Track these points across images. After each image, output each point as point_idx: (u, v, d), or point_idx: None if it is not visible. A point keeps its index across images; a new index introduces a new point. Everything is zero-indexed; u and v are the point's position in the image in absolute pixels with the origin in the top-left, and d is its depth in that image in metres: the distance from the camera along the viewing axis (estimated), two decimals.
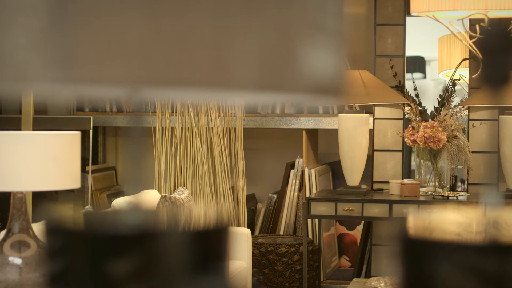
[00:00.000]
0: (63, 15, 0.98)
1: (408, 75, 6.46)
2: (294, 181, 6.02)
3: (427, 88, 6.60)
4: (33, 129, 5.00)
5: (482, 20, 4.75)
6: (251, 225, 6.16)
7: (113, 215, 1.15)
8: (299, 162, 6.00)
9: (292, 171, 6.04)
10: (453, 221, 1.11)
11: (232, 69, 1.03)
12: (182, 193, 5.26)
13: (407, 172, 6.04)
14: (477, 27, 4.84)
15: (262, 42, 1.04)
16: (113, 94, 1.08)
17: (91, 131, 5.93)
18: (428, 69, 6.72)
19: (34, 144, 3.80)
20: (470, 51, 5.65)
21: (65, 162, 3.89)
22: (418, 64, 6.66)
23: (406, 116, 5.83)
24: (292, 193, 6.02)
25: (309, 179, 5.93)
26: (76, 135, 3.96)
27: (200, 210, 1.15)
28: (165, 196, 5.12)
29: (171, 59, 1.02)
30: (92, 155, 6.17)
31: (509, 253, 1.06)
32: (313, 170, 5.93)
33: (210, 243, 1.11)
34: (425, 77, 6.67)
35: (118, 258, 1.07)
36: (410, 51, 6.27)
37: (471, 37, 5.31)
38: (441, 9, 4.57)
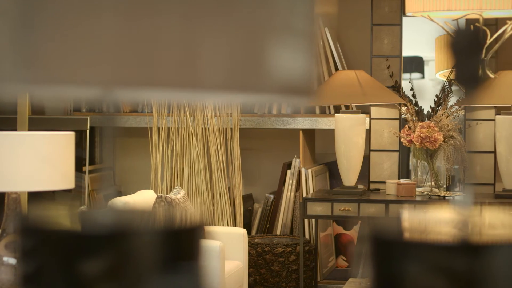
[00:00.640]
0: (31, 17, 0.98)
1: (406, 75, 6.47)
2: (290, 181, 6.03)
3: (426, 88, 6.60)
4: (31, 130, 5.01)
5: (477, 20, 4.76)
6: (248, 225, 6.16)
7: (87, 215, 1.15)
8: (296, 162, 6.01)
9: (289, 171, 6.04)
10: (427, 222, 1.12)
11: (202, 69, 1.03)
12: (178, 193, 5.27)
13: (405, 171, 6.04)
14: (471, 27, 4.84)
15: (231, 43, 1.04)
16: (83, 95, 1.09)
17: (87, 131, 5.93)
18: (426, 69, 6.72)
19: (28, 145, 3.81)
20: None
21: (59, 162, 3.90)
22: (415, 64, 6.66)
23: (403, 116, 5.84)
24: (288, 193, 6.02)
25: (305, 179, 5.93)
26: (70, 136, 3.96)
27: (174, 210, 1.15)
28: (161, 196, 5.13)
29: (141, 60, 1.03)
30: (89, 155, 6.18)
31: (481, 253, 1.06)
32: (309, 170, 5.93)
33: (182, 242, 1.11)
34: (423, 77, 6.68)
35: (90, 257, 1.08)
36: (408, 51, 6.28)
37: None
38: (435, 9, 4.58)
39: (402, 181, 5.62)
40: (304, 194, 5.88)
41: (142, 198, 5.22)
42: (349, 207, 5.46)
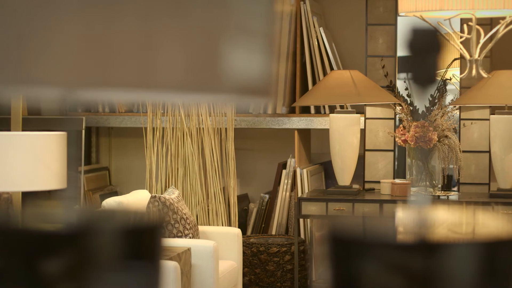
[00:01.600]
0: None
1: (403, 75, 6.46)
2: (286, 181, 6.03)
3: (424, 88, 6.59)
4: (27, 130, 5.03)
5: (470, 19, 4.75)
6: (243, 225, 6.17)
7: (48, 214, 1.16)
8: (291, 162, 6.01)
9: (284, 171, 6.05)
10: (385, 221, 1.12)
11: (159, 70, 1.04)
12: (172, 193, 5.28)
13: (402, 171, 6.04)
14: (465, 26, 4.84)
15: (188, 44, 1.05)
16: (46, 95, 1.10)
17: (83, 131, 5.94)
18: None
19: (20, 145, 3.82)
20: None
21: (51, 162, 3.91)
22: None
23: (398, 116, 5.84)
24: (284, 193, 6.03)
25: (301, 179, 5.94)
26: (62, 136, 3.97)
27: (134, 209, 1.16)
28: (155, 196, 5.14)
29: (99, 61, 1.03)
30: (85, 155, 6.19)
31: (438, 252, 1.07)
32: (305, 170, 5.94)
33: (142, 242, 1.12)
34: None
35: (50, 256, 1.08)
36: (407, 51, 6.27)
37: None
38: (428, 9, 4.58)
39: (397, 180, 5.63)
40: (299, 194, 5.88)
41: (136, 198, 5.23)
42: (344, 206, 5.46)
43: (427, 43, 1.06)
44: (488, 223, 1.11)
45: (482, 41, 4.76)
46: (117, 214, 1.14)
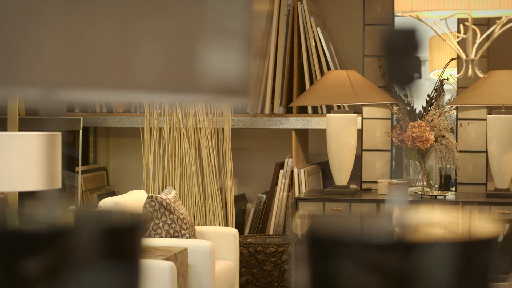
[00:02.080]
0: None
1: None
2: (283, 181, 6.03)
3: (422, 88, 6.60)
4: (24, 130, 5.03)
5: (466, 19, 4.75)
6: (241, 225, 6.17)
7: (26, 214, 1.16)
8: (288, 162, 6.01)
9: (281, 171, 6.05)
10: (362, 221, 1.13)
11: (137, 70, 1.04)
12: (169, 193, 5.28)
13: (400, 171, 6.05)
14: (461, 26, 4.84)
15: (166, 45, 1.05)
16: (25, 95, 1.10)
17: (80, 131, 5.95)
18: (423, 69, 6.73)
19: (14, 145, 3.82)
20: None
21: (45, 162, 3.91)
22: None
23: (395, 116, 5.84)
24: (281, 193, 6.03)
25: (298, 179, 5.94)
26: (56, 136, 3.98)
27: (114, 209, 1.16)
28: (152, 196, 5.14)
29: (78, 62, 1.03)
30: (83, 155, 6.19)
31: (414, 251, 1.07)
32: (302, 170, 5.94)
33: (122, 241, 1.12)
34: (420, 77, 6.67)
35: (29, 256, 1.09)
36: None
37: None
38: (424, 9, 4.58)
39: (394, 180, 5.63)
40: (297, 194, 5.88)
41: (133, 198, 5.24)
42: (341, 206, 5.46)
43: (406, 44, 1.06)
44: (466, 223, 1.12)
45: (478, 41, 4.76)
46: (98, 214, 1.14)
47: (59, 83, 1.04)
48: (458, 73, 5.76)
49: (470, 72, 4.78)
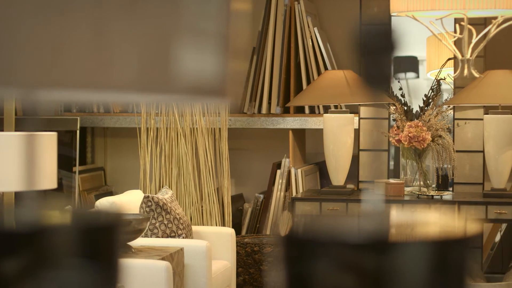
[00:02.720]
0: None
1: (401, 75, 6.48)
2: (280, 181, 6.03)
3: (421, 87, 6.61)
4: (21, 130, 5.03)
5: (462, 19, 4.76)
6: (238, 225, 6.17)
7: (4, 213, 1.17)
8: (285, 162, 6.02)
9: (278, 171, 6.05)
10: (335, 220, 1.13)
11: (112, 71, 1.05)
12: (165, 193, 5.28)
13: (397, 170, 6.05)
14: (457, 26, 4.84)
15: (142, 45, 1.05)
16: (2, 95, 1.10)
17: (78, 131, 5.95)
18: (421, 68, 6.74)
19: (10, 145, 3.82)
20: None
21: (41, 162, 3.92)
22: (410, 64, 6.67)
23: (392, 116, 5.84)
24: (278, 192, 6.03)
25: (295, 179, 5.94)
26: (52, 136, 3.98)
27: (96, 208, 1.16)
28: (148, 196, 5.14)
29: (53, 62, 1.04)
30: (80, 155, 6.20)
31: (391, 251, 1.07)
32: (299, 170, 5.94)
33: (100, 240, 1.13)
34: (418, 77, 6.68)
35: (6, 255, 1.09)
36: (406, 51, 6.29)
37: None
38: (419, 9, 4.58)
39: (391, 180, 5.63)
40: (294, 194, 5.89)
41: (130, 198, 5.24)
42: (338, 206, 5.46)
43: (381, 43, 1.07)
44: (442, 222, 1.12)
45: (474, 41, 4.76)
46: (74, 213, 1.14)
47: (34, 84, 1.04)
48: (454, 73, 5.77)
49: (466, 72, 4.78)
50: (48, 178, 3.94)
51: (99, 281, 1.12)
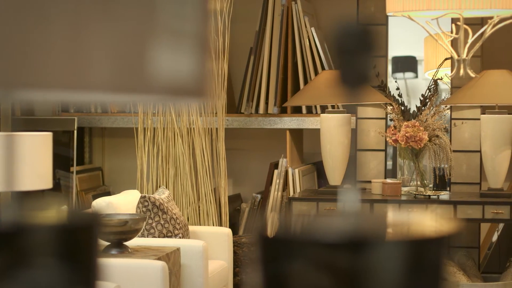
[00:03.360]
0: None
1: (400, 75, 6.47)
2: (277, 181, 6.04)
3: (419, 87, 6.61)
4: (19, 130, 5.04)
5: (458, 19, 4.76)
6: (236, 225, 6.18)
7: None
8: (283, 162, 6.02)
9: (275, 171, 6.06)
10: (309, 220, 1.13)
11: (88, 71, 1.05)
12: (162, 193, 5.29)
13: (395, 170, 6.05)
14: (453, 26, 4.84)
15: (117, 45, 1.06)
16: None
17: (75, 131, 5.96)
18: (420, 68, 6.73)
19: (4, 145, 3.83)
20: None
21: (36, 162, 3.92)
22: (409, 64, 6.68)
23: (389, 116, 5.85)
24: (276, 192, 6.04)
25: (292, 179, 5.95)
26: (47, 136, 3.99)
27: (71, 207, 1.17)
28: (145, 196, 5.15)
29: (28, 62, 1.04)
30: (78, 155, 6.20)
31: (366, 250, 1.08)
32: (296, 170, 5.95)
33: (77, 240, 1.13)
34: (417, 77, 6.69)
35: None
36: (402, 51, 6.30)
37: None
38: (415, 9, 4.58)
39: (388, 180, 5.64)
40: (291, 194, 5.89)
41: (127, 198, 5.25)
42: (334, 206, 5.47)
43: (357, 42, 1.07)
44: (417, 222, 1.12)
45: (470, 40, 4.76)
46: (51, 212, 1.15)
47: (8, 84, 1.05)
48: (451, 73, 5.77)
49: (461, 71, 4.78)
50: (42, 178, 3.94)
51: (76, 281, 1.12)
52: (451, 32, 4.92)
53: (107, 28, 1.05)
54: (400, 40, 6.20)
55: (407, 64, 6.64)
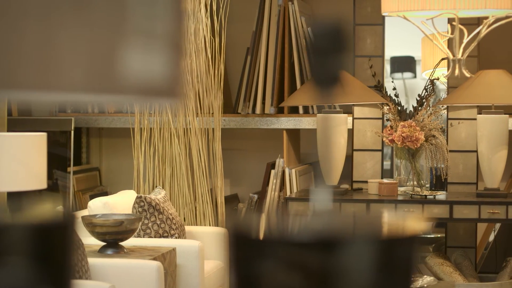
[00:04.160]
0: None
1: (398, 75, 6.48)
2: (274, 181, 6.04)
3: (418, 87, 6.61)
4: (16, 131, 5.05)
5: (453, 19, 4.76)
6: None
7: None
8: (280, 162, 6.02)
9: (272, 171, 6.06)
10: (281, 219, 1.14)
11: (59, 71, 1.05)
12: (158, 194, 5.29)
13: (391, 170, 6.05)
14: (449, 26, 4.85)
15: (89, 45, 1.06)
16: None
17: (72, 132, 5.97)
18: (418, 68, 6.74)
19: (2, 146, 3.84)
20: None
21: (31, 163, 3.93)
22: (407, 64, 6.68)
23: (385, 116, 5.85)
24: (272, 192, 6.04)
25: (289, 179, 5.95)
26: (42, 136, 3.99)
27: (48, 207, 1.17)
28: (141, 196, 5.15)
29: None
30: (75, 156, 6.21)
31: (336, 250, 1.08)
32: (293, 170, 5.95)
33: (52, 239, 1.14)
34: (415, 77, 6.69)
35: None
36: (399, 51, 6.30)
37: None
38: (410, 9, 4.59)
39: (384, 180, 5.64)
40: (288, 194, 5.89)
41: (123, 198, 5.25)
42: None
43: (329, 42, 1.07)
44: (388, 221, 1.13)
45: (465, 41, 4.77)
46: (24, 212, 1.15)
47: None
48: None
49: (457, 71, 4.79)
50: (37, 179, 3.95)
51: (50, 280, 1.13)
52: (447, 32, 4.93)
53: (78, 28, 1.06)
54: (397, 40, 6.21)
55: (406, 64, 6.65)
